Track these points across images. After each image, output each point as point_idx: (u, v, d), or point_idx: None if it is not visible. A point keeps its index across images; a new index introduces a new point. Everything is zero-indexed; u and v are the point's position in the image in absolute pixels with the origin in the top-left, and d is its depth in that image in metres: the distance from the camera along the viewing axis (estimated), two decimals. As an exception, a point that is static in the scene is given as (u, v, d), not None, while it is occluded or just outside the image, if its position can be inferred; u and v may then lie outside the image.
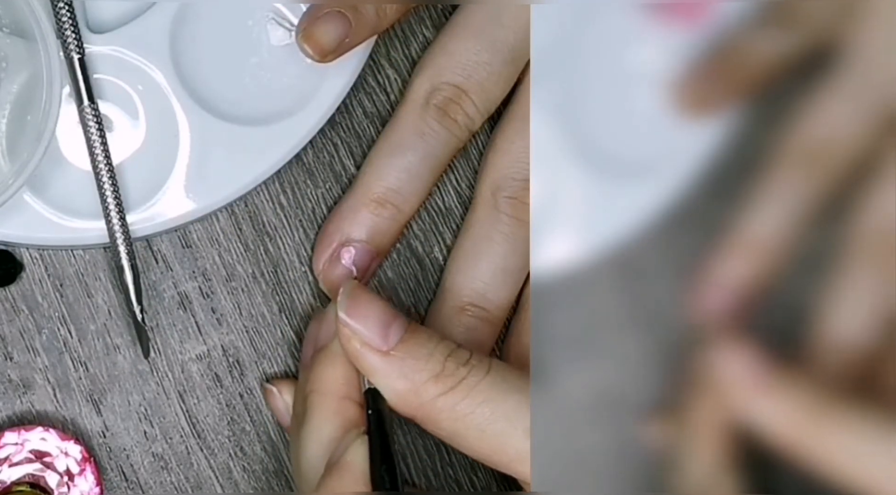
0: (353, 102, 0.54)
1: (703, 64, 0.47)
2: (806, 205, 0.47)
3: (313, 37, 0.51)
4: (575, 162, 0.48)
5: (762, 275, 0.47)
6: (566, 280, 0.48)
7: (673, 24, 0.48)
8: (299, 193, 0.54)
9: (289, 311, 0.54)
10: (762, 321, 0.47)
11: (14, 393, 0.53)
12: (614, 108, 0.49)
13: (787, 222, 0.47)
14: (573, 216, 0.48)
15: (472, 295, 0.52)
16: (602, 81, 0.48)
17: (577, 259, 0.48)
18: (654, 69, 0.48)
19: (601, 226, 0.48)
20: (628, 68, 0.48)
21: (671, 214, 0.48)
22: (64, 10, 0.50)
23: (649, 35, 0.48)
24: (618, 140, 0.49)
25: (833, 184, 0.47)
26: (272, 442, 0.53)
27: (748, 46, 0.47)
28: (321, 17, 0.51)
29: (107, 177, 0.50)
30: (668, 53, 0.48)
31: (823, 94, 0.46)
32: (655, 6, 0.48)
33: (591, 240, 0.48)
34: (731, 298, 0.47)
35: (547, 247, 0.48)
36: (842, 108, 0.46)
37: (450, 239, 0.55)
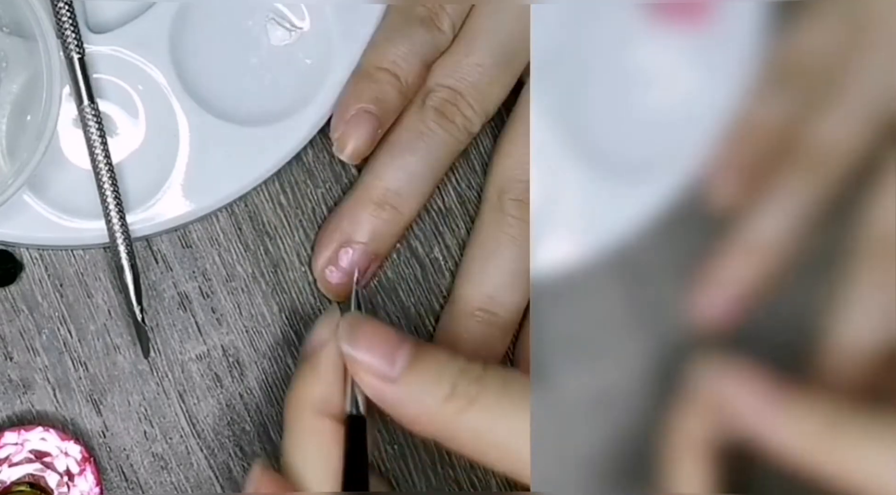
0: (353, 102, 0.54)
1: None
2: (808, 208, 0.47)
3: (348, 147, 0.51)
4: (575, 162, 0.48)
5: (764, 279, 0.47)
6: (566, 280, 0.48)
7: (673, 24, 0.48)
8: (299, 193, 0.54)
9: (289, 311, 0.54)
10: (766, 328, 0.47)
11: (14, 393, 0.53)
12: (614, 108, 0.49)
13: (789, 226, 0.47)
14: (573, 216, 0.48)
15: (481, 299, 0.52)
16: (602, 82, 0.48)
17: (577, 259, 0.48)
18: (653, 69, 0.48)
19: (601, 227, 0.48)
20: (628, 68, 0.48)
21: (671, 214, 0.48)
22: (64, 10, 0.50)
23: (649, 35, 0.48)
24: (618, 140, 0.48)
25: (836, 187, 0.47)
26: (272, 442, 0.53)
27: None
28: (349, 120, 0.51)
29: (107, 176, 0.50)
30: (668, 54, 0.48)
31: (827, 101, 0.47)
32: (656, 6, 0.48)
33: (591, 241, 0.48)
34: (732, 301, 0.47)
35: (547, 248, 0.48)
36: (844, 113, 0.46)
37: (450, 239, 0.55)
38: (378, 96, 0.51)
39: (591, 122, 0.48)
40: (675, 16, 0.48)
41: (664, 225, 0.48)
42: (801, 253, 0.47)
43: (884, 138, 0.46)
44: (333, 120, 0.52)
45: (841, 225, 0.47)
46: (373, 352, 0.45)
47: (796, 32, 0.48)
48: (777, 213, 0.47)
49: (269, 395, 0.54)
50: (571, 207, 0.48)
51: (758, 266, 0.47)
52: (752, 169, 0.48)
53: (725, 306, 0.47)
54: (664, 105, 0.48)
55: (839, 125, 0.47)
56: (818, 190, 0.47)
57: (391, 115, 0.52)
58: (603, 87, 0.48)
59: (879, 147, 0.46)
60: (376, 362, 0.45)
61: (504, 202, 0.52)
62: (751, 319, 0.47)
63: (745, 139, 0.48)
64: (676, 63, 0.48)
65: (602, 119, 0.48)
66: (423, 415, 0.45)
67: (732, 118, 0.48)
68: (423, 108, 0.52)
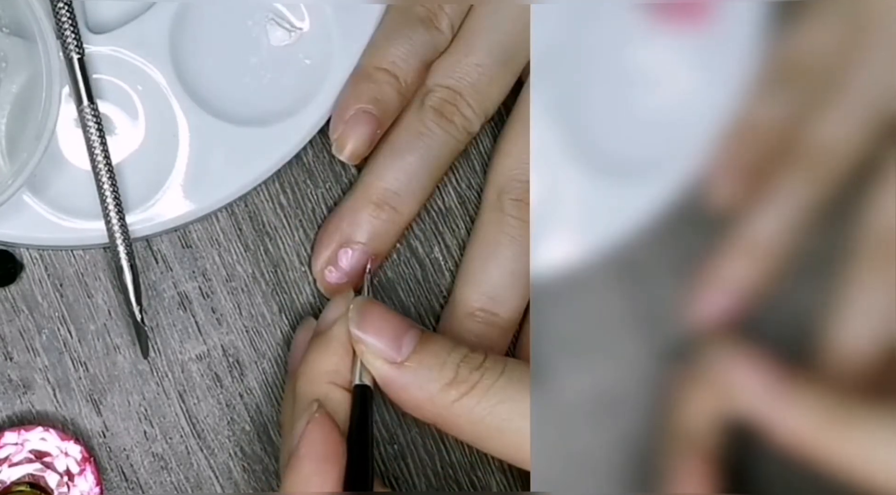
0: (352, 102, 0.54)
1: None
2: (808, 208, 0.47)
3: (347, 147, 0.52)
4: (575, 162, 0.48)
5: (764, 279, 0.47)
6: (566, 280, 0.48)
7: (673, 24, 0.48)
8: (299, 193, 0.54)
9: (289, 311, 0.54)
10: (768, 325, 0.47)
11: (14, 393, 0.53)
12: (614, 108, 0.49)
13: (789, 226, 0.47)
14: (573, 216, 0.48)
15: (481, 300, 0.52)
16: (602, 81, 0.48)
17: (577, 259, 0.48)
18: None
19: (601, 226, 0.48)
20: (628, 68, 0.48)
21: (671, 214, 0.48)
22: (64, 11, 0.50)
23: (649, 35, 0.48)
24: (618, 140, 0.48)
25: (836, 187, 0.47)
26: (272, 442, 0.53)
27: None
28: (348, 120, 0.51)
29: (106, 177, 0.50)
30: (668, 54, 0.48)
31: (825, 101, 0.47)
32: (656, 6, 0.48)
33: (591, 240, 0.48)
34: (732, 300, 0.47)
35: (547, 247, 0.48)
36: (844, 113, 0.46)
37: (450, 239, 0.55)
38: (377, 96, 0.51)
39: (591, 122, 0.48)
40: (675, 16, 0.48)
41: (664, 225, 0.48)
42: (800, 253, 0.47)
43: (884, 138, 0.46)
44: (332, 120, 0.52)
45: (841, 225, 0.47)
46: (380, 336, 0.47)
47: (796, 32, 0.48)
48: (777, 213, 0.47)
49: (269, 395, 0.54)
50: (571, 207, 0.48)
51: (757, 266, 0.47)
52: (752, 169, 0.48)
53: (725, 306, 0.47)
54: (664, 105, 0.48)
55: (839, 125, 0.47)
56: (818, 190, 0.47)
57: (390, 116, 0.52)
58: (603, 86, 0.48)
59: (879, 147, 0.46)
60: (383, 346, 0.47)
61: (504, 202, 0.52)
62: (750, 319, 0.47)
63: (745, 139, 0.48)
64: (676, 63, 0.48)
65: (602, 119, 0.48)
66: (425, 400, 0.47)
67: (732, 118, 0.48)
68: (422, 108, 0.52)
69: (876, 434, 0.44)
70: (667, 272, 0.48)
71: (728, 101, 0.48)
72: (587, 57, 0.48)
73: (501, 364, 0.47)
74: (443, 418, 0.47)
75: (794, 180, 0.47)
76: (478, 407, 0.46)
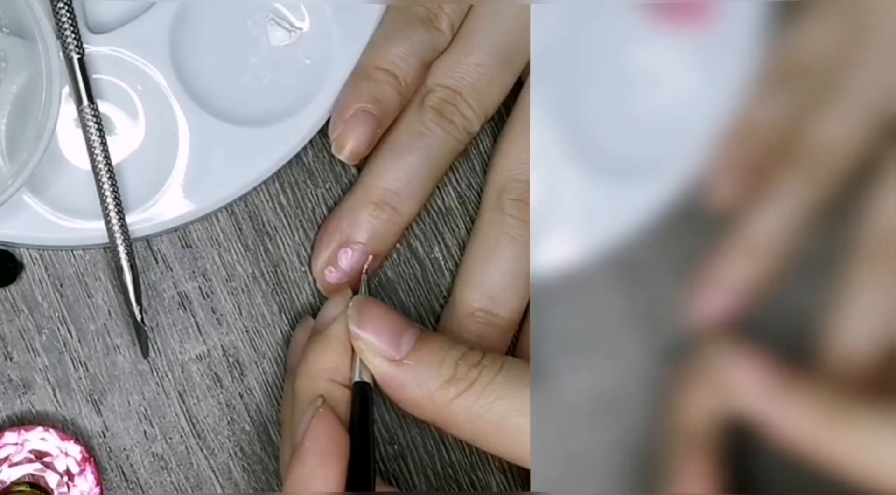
0: (352, 102, 0.54)
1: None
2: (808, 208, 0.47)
3: (347, 147, 0.52)
4: (575, 162, 0.48)
5: (764, 279, 0.47)
6: (566, 280, 0.48)
7: (673, 24, 0.48)
8: (299, 193, 0.54)
9: (289, 311, 0.54)
10: (768, 325, 0.47)
11: (14, 393, 0.53)
12: (614, 107, 0.49)
13: (789, 226, 0.47)
14: (573, 216, 0.48)
15: (481, 300, 0.52)
16: (602, 81, 0.48)
17: (576, 259, 0.48)
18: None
19: (601, 226, 0.48)
20: (628, 68, 0.48)
21: (671, 214, 0.48)
22: (64, 11, 0.50)
23: (649, 35, 0.48)
24: (617, 140, 0.48)
25: (835, 187, 0.47)
26: (272, 442, 0.53)
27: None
28: (348, 120, 0.51)
29: (106, 177, 0.50)
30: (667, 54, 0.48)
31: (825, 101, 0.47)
32: (655, 6, 0.48)
33: (591, 240, 0.48)
34: (732, 300, 0.47)
35: (547, 248, 0.48)
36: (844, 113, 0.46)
37: (450, 239, 0.55)
38: (377, 96, 0.52)
39: (591, 122, 0.48)
40: (675, 16, 0.48)
41: (664, 225, 0.48)
42: (800, 253, 0.47)
43: (884, 138, 0.46)
44: (332, 120, 0.52)
45: (841, 224, 0.47)
46: (379, 335, 0.47)
47: (796, 32, 0.48)
48: (777, 213, 0.47)
49: (269, 395, 0.54)
50: (571, 207, 0.48)
51: (757, 266, 0.47)
52: (752, 169, 0.48)
53: (725, 306, 0.47)
54: (664, 105, 0.48)
55: (839, 125, 0.47)
56: (818, 190, 0.47)
57: (390, 115, 0.52)
58: (603, 86, 0.48)
59: (879, 147, 0.46)
60: (382, 344, 0.47)
61: (504, 202, 0.52)
62: (750, 319, 0.47)
63: (745, 139, 0.48)
64: (676, 63, 0.48)
65: (602, 119, 0.48)
66: (424, 398, 0.47)
67: (732, 118, 0.48)
68: (422, 107, 0.52)
69: (876, 433, 0.44)
70: (667, 272, 0.48)
71: (728, 101, 0.48)
72: (587, 57, 0.48)
73: (499, 361, 0.47)
74: (442, 416, 0.47)
75: (794, 180, 0.47)
76: (476, 404, 0.46)
